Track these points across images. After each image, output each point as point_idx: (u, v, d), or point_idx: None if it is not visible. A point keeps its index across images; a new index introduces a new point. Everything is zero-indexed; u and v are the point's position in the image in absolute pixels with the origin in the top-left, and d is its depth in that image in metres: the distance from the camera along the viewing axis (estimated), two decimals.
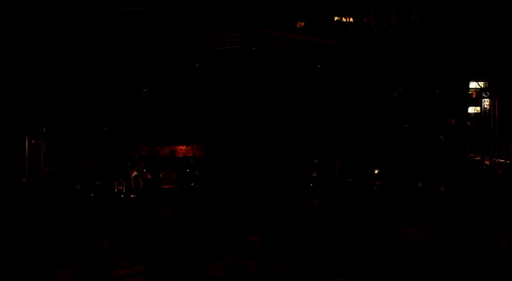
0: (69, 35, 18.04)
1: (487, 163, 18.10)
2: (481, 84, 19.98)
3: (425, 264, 8.56)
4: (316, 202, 13.00)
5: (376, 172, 18.05)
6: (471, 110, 20.35)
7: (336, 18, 19.50)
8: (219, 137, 20.82)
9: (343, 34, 18.95)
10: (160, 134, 20.67)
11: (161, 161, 19.18)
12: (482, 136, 18.66)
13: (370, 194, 16.57)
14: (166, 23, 18.61)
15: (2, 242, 9.04)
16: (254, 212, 11.98)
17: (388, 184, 17.12)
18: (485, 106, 20.25)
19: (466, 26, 18.40)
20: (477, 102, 20.50)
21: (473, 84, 20.31)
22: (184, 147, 20.76)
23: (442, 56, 18.72)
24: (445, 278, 8.24)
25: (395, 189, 16.67)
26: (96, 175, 17.02)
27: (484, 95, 20.07)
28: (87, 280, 7.62)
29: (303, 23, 18.93)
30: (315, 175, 18.21)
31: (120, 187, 16.90)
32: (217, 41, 18.94)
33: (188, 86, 21.00)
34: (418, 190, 16.31)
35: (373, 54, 18.77)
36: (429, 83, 19.04)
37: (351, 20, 19.52)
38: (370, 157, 19.23)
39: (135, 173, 17.19)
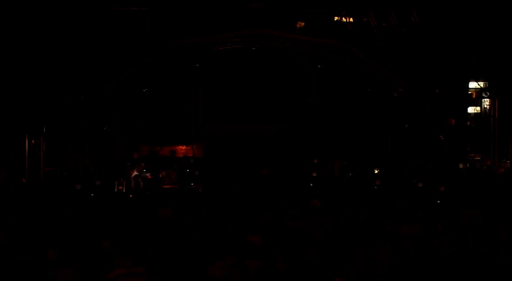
0: (69, 35, 18.04)
1: (488, 163, 18.11)
2: (481, 84, 19.97)
3: (425, 264, 8.56)
4: (317, 202, 13.00)
5: (376, 172, 18.04)
6: (471, 110, 20.35)
7: (336, 18, 19.50)
8: (219, 137, 20.80)
9: (343, 34, 18.95)
10: (160, 134, 20.65)
11: (161, 161, 19.16)
12: (482, 136, 18.66)
13: (370, 194, 16.56)
14: (166, 23, 18.60)
15: (2, 242, 9.04)
16: (254, 212, 11.98)
17: (388, 184, 17.10)
18: (485, 106, 20.25)
19: (466, 26, 18.40)
20: (477, 102, 20.50)
21: (473, 84, 20.30)
22: (184, 147, 20.75)
23: (442, 56, 18.71)
24: (445, 278, 8.24)
25: (395, 189, 16.66)
26: (96, 175, 17.01)
27: (484, 95, 20.07)
28: (87, 280, 7.62)
29: (303, 23, 18.93)
30: (315, 175, 18.20)
31: (120, 187, 16.89)
32: (217, 41, 18.94)
33: (188, 86, 20.98)
34: (418, 190, 16.30)
35: (373, 54, 18.77)
36: (429, 83, 19.04)
37: (351, 20, 19.52)
38: (370, 157, 19.21)
39: (135, 173, 17.18)
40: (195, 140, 20.81)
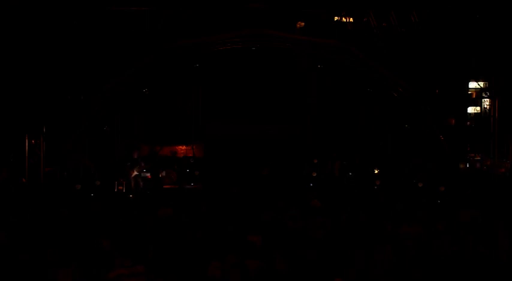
0: (69, 35, 18.04)
1: (488, 163, 18.09)
2: (481, 84, 19.97)
3: (425, 264, 8.55)
4: (317, 202, 13.00)
5: (376, 172, 18.04)
6: (471, 110, 20.33)
7: (336, 18, 19.50)
8: (219, 137, 20.80)
9: (343, 34, 18.95)
10: (160, 134, 20.64)
11: (161, 161, 19.16)
12: (482, 136, 18.66)
13: (370, 194, 16.56)
14: (166, 23, 18.60)
15: (2, 242, 9.03)
16: (254, 212, 11.97)
17: (388, 184, 17.10)
18: (485, 106, 20.24)
19: (466, 26, 18.40)
20: (477, 102, 20.49)
21: (473, 84, 20.29)
22: (184, 147, 20.75)
23: (442, 56, 18.71)
24: (445, 278, 8.24)
25: (395, 189, 16.66)
26: (96, 175, 17.01)
27: (484, 95, 20.06)
28: (87, 280, 7.62)
29: (303, 23, 18.94)
30: (315, 174, 18.20)
31: (120, 187, 16.89)
32: (217, 41, 18.94)
33: (188, 86, 20.98)
34: (418, 190, 16.30)
35: (373, 54, 18.78)
36: (429, 83, 19.03)
37: (351, 20, 19.52)
38: (370, 157, 19.21)
39: (135, 173, 17.19)
40: (195, 140, 20.81)
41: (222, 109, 21.10)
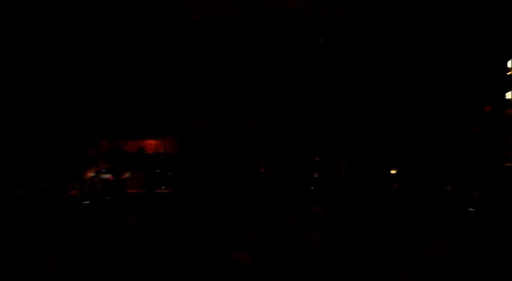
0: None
1: None
2: None
3: None
4: (319, 209, 13.04)
5: (393, 172, 18.01)
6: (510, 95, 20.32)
7: None
8: (199, 130, 20.68)
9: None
10: (125, 126, 20.34)
11: (125, 159, 18.99)
12: None
13: (385, 200, 16.55)
14: None
15: None
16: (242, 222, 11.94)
17: (409, 188, 17.06)
18: None
19: None
20: None
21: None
22: (153, 142, 20.57)
23: (474, 30, 18.76)
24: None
25: (417, 194, 16.61)
26: (41, 176, 16.82)
27: None
28: None
29: None
30: (316, 175, 18.21)
31: (74, 191, 16.71)
32: (194, 9, 18.85)
33: (159, 67, 20.72)
34: (446, 195, 16.24)
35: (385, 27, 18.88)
36: (457, 64, 19.05)
37: None
38: (384, 154, 19.21)
39: (91, 173, 16.99)
40: (167, 134, 20.63)
41: (202, 97, 20.95)
